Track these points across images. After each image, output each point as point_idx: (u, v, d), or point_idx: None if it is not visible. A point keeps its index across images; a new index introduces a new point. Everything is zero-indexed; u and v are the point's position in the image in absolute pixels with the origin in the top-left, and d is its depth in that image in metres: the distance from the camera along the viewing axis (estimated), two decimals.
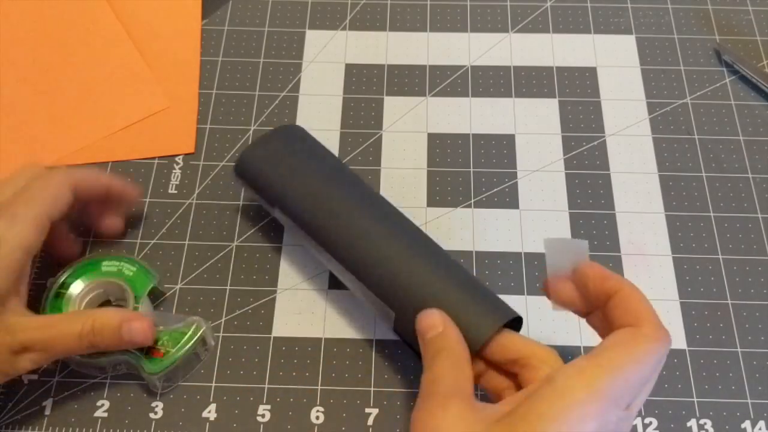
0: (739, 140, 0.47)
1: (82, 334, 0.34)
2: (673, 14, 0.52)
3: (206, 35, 0.51)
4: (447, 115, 0.48)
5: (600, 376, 0.26)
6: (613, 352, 0.28)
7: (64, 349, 0.35)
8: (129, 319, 0.35)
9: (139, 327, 0.35)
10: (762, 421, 0.38)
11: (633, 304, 0.29)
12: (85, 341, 0.34)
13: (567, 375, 0.27)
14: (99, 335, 0.34)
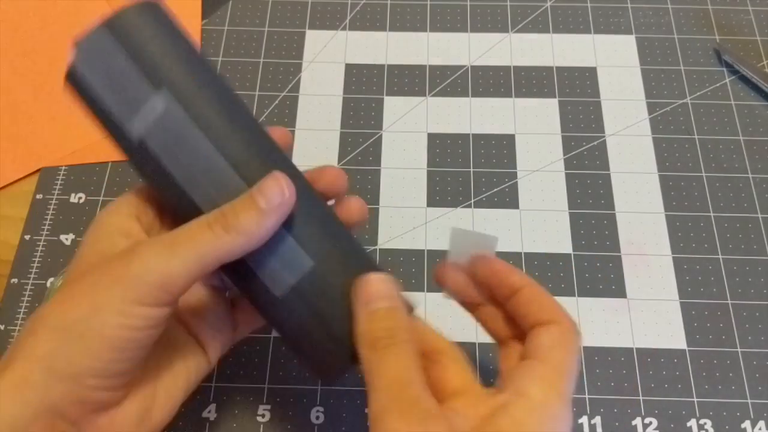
0: (739, 140, 0.47)
1: (209, 221, 0.27)
2: (673, 14, 0.52)
3: (206, 35, 0.51)
4: (447, 115, 0.48)
5: (562, 382, 0.26)
6: (559, 354, 0.27)
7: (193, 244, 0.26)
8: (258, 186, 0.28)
9: (270, 182, 0.27)
10: (762, 421, 0.38)
11: (545, 299, 0.29)
12: (216, 226, 0.26)
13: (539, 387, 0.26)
14: (231, 213, 0.27)
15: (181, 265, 0.26)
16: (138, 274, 0.25)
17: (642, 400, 0.38)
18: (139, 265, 0.25)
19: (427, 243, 0.43)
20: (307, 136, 0.47)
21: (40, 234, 0.43)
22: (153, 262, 0.26)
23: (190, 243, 0.26)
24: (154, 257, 0.26)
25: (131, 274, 0.25)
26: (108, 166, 0.46)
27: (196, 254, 0.26)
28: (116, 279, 0.25)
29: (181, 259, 0.26)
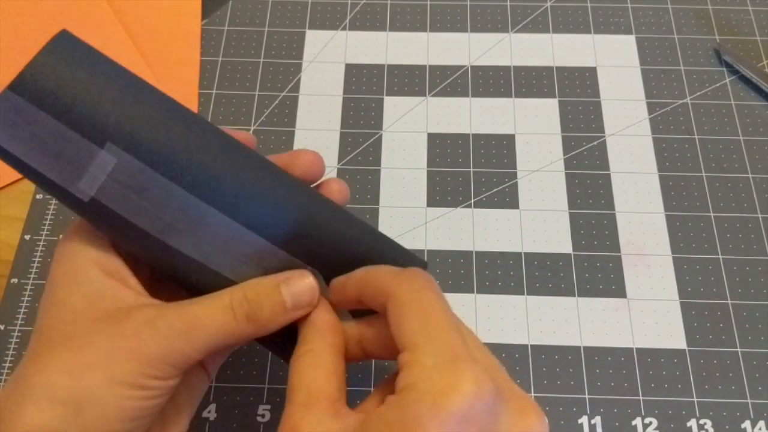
0: (739, 140, 0.47)
1: (233, 305, 0.26)
2: (673, 14, 0.52)
3: (206, 35, 0.51)
4: (447, 115, 0.48)
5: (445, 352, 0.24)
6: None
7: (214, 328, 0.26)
8: (286, 278, 0.27)
9: (300, 282, 0.27)
10: (762, 421, 0.38)
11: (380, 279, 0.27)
12: (239, 313, 0.26)
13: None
14: (256, 304, 0.26)
15: (200, 347, 0.26)
16: (156, 355, 0.25)
17: (642, 400, 0.38)
18: (158, 346, 0.25)
19: (427, 243, 0.43)
20: (307, 136, 0.47)
21: (40, 234, 0.43)
22: (173, 344, 0.25)
23: (211, 327, 0.26)
24: (174, 338, 0.25)
25: (150, 354, 0.25)
26: None
27: (216, 339, 0.26)
28: (133, 355, 0.25)
29: (201, 342, 0.26)
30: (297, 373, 0.26)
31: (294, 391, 0.25)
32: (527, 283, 0.42)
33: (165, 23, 0.52)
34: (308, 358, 0.26)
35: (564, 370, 0.39)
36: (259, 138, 0.47)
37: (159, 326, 0.25)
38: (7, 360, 0.39)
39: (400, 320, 0.25)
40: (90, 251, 0.27)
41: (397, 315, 0.25)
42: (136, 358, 0.25)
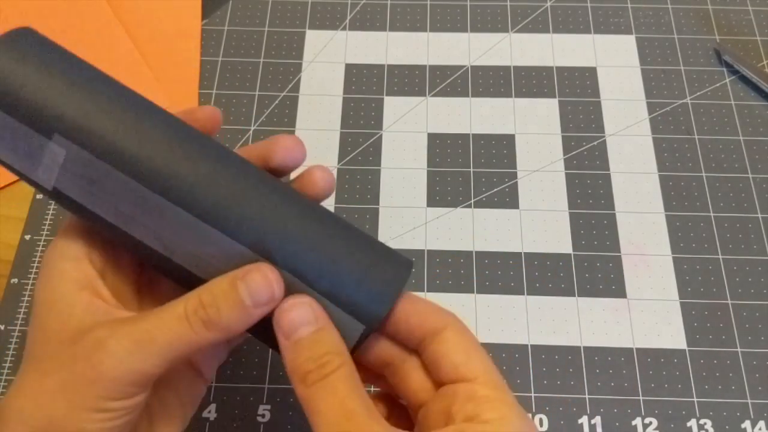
0: (739, 140, 0.47)
1: (187, 313, 0.25)
2: (673, 14, 0.52)
3: (206, 35, 0.51)
4: (447, 115, 0.48)
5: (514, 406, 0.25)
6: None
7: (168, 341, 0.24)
8: (243, 274, 0.25)
9: (258, 277, 0.25)
10: (762, 421, 0.38)
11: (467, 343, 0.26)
12: (195, 321, 0.24)
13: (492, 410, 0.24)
14: (212, 308, 0.25)
15: (157, 362, 0.24)
16: (111, 378, 0.24)
17: (642, 400, 0.38)
18: (111, 368, 0.24)
19: (427, 243, 0.43)
20: (307, 136, 0.47)
21: (40, 234, 0.43)
22: (126, 362, 0.24)
23: (164, 339, 0.24)
24: (126, 357, 0.24)
25: (104, 378, 0.24)
26: None
27: (171, 351, 0.24)
28: (89, 381, 0.24)
29: (156, 357, 0.24)
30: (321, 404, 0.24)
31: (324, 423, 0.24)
32: (527, 283, 0.42)
33: (165, 23, 0.52)
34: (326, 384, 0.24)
35: (564, 370, 0.39)
36: (259, 138, 0.47)
37: (110, 348, 0.24)
38: (8, 360, 0.39)
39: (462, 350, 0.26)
40: (64, 264, 0.26)
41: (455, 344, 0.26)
42: (91, 384, 0.24)
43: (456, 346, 0.26)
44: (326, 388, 0.24)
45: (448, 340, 0.26)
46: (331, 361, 0.24)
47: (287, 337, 0.25)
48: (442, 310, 0.27)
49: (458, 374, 0.25)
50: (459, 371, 0.25)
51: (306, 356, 0.24)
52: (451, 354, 0.26)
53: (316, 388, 0.24)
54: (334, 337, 0.25)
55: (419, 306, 0.27)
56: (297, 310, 0.25)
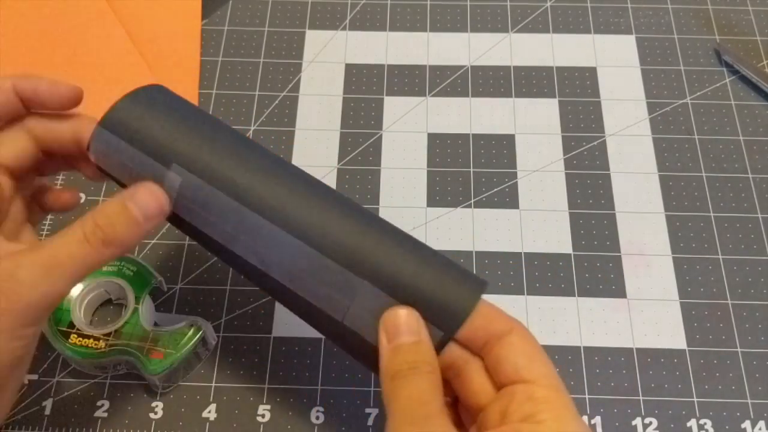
0: (739, 140, 0.47)
1: (86, 235, 0.27)
2: (673, 14, 0.52)
3: (206, 35, 0.51)
4: (447, 115, 0.48)
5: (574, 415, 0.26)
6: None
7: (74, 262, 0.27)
8: (131, 194, 0.28)
9: (144, 194, 0.28)
10: (762, 421, 0.38)
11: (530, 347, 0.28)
12: (94, 241, 0.27)
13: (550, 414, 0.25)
14: (109, 227, 0.27)
15: (64, 284, 0.27)
16: (27, 305, 0.26)
17: (642, 400, 0.38)
18: (26, 295, 0.26)
19: (427, 243, 0.43)
20: (307, 136, 0.47)
21: (40, 234, 0.43)
22: (39, 288, 0.26)
23: (70, 261, 0.27)
24: (37, 283, 0.26)
25: (19, 305, 0.26)
26: None
27: (77, 272, 0.27)
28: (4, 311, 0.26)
29: (64, 279, 0.27)
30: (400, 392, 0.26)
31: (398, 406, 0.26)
32: (527, 283, 0.42)
33: (165, 23, 0.52)
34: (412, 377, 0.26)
35: (564, 370, 0.39)
36: (259, 138, 0.47)
37: (20, 277, 0.26)
38: None
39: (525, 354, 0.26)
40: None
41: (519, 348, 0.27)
42: (8, 313, 0.26)
43: (519, 350, 0.27)
44: (410, 382, 0.26)
45: (513, 344, 0.27)
46: (423, 367, 0.26)
47: (390, 340, 0.27)
48: (507, 315, 0.28)
49: (519, 376, 0.26)
50: (520, 373, 0.26)
51: (402, 359, 0.26)
52: (514, 356, 0.26)
53: (402, 381, 0.26)
54: (431, 351, 0.27)
55: (485, 310, 0.28)
56: (406, 317, 0.27)
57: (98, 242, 0.27)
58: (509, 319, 0.28)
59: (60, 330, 0.37)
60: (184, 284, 0.42)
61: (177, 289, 0.42)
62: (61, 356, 0.39)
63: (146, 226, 0.28)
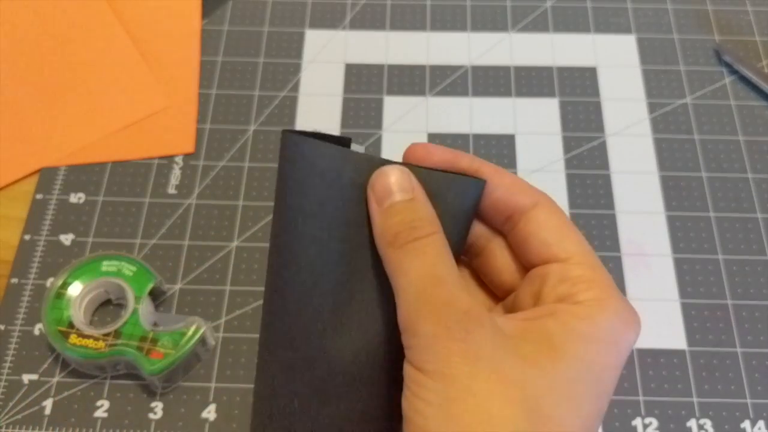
0: (738, 140, 0.47)
1: None
2: (673, 14, 0.52)
3: (206, 35, 0.51)
4: (447, 115, 0.48)
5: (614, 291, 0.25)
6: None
7: None
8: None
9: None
10: (762, 421, 0.38)
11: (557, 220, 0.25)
12: None
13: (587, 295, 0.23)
14: None
15: None
16: None
17: (642, 400, 0.38)
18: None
19: None
20: None
21: (40, 234, 0.43)
22: None
23: None
24: None
25: None
26: (108, 166, 0.46)
27: None
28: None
29: None
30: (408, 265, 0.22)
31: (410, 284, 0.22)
32: None
33: (165, 23, 0.52)
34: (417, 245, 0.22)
35: None
36: (259, 138, 0.47)
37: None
38: (8, 360, 0.39)
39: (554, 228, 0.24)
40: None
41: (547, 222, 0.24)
42: None
43: (547, 224, 0.24)
44: (416, 251, 0.22)
45: (539, 218, 0.24)
46: (423, 227, 0.23)
47: (380, 202, 0.23)
48: (531, 186, 0.25)
49: (550, 254, 0.24)
50: (551, 250, 0.24)
51: (398, 219, 0.23)
52: (542, 232, 0.24)
53: (406, 250, 0.22)
54: (429, 208, 0.24)
55: (506, 180, 0.25)
56: (394, 176, 0.23)
57: None
58: (534, 190, 0.25)
59: (60, 330, 0.37)
60: (184, 284, 0.42)
61: (177, 289, 0.42)
62: (60, 356, 0.39)
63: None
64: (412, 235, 0.23)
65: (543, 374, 0.21)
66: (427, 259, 0.22)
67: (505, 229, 0.25)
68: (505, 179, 0.25)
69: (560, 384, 0.21)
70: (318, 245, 0.24)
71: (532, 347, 0.21)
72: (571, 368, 0.21)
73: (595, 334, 0.22)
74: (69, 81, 0.49)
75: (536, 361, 0.21)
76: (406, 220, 0.23)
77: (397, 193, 0.23)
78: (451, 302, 0.21)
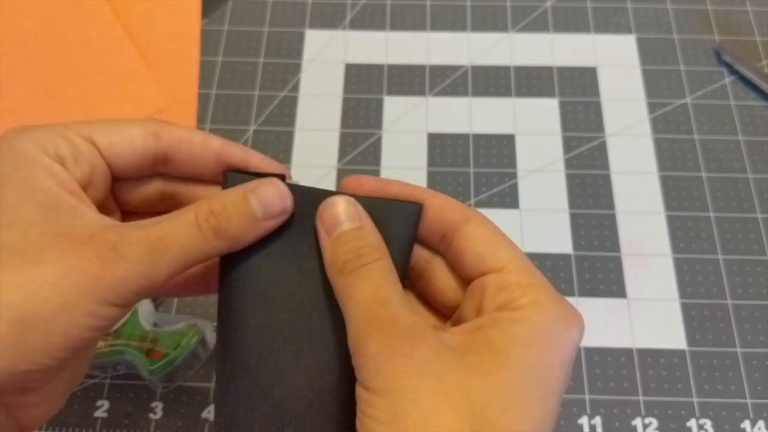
0: (738, 140, 0.47)
1: (198, 220, 0.24)
2: (673, 14, 0.52)
3: (206, 35, 0.51)
4: (447, 115, 0.48)
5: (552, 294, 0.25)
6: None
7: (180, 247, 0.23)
8: (254, 186, 0.25)
9: (269, 189, 0.25)
10: (762, 421, 0.38)
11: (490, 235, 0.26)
12: (206, 228, 0.24)
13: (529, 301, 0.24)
14: (222, 216, 0.24)
15: (166, 269, 0.23)
16: (120, 279, 0.22)
17: (642, 400, 0.38)
18: (123, 270, 0.22)
19: None
20: (307, 136, 0.47)
21: None
22: (138, 267, 0.22)
23: (177, 246, 0.23)
24: (138, 261, 0.22)
25: (113, 278, 0.22)
26: None
27: (182, 258, 0.23)
28: (92, 278, 0.22)
29: (167, 264, 0.23)
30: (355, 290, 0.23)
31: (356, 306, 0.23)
32: None
33: (165, 23, 0.52)
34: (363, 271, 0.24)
35: None
36: (259, 138, 0.47)
37: (122, 252, 0.22)
38: None
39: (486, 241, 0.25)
40: (44, 159, 0.24)
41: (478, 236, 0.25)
42: (96, 281, 0.22)
43: (479, 238, 0.25)
44: (362, 276, 0.23)
45: (471, 233, 0.25)
46: (370, 254, 0.24)
47: (329, 232, 0.25)
48: (461, 204, 0.26)
49: (485, 266, 0.24)
50: (486, 262, 0.24)
51: (346, 248, 0.24)
52: (476, 246, 0.25)
53: (354, 276, 0.23)
54: (376, 235, 0.25)
55: (437, 200, 0.26)
56: (342, 206, 0.25)
57: (210, 230, 0.24)
58: (465, 207, 0.26)
59: None
60: None
61: None
62: None
63: (264, 225, 0.25)
64: (359, 262, 0.24)
65: (487, 381, 0.21)
66: (373, 282, 0.23)
67: (442, 249, 0.26)
68: (436, 200, 0.26)
69: (505, 389, 0.21)
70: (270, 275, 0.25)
71: (476, 357, 0.22)
72: (514, 372, 0.22)
73: (535, 337, 0.23)
74: (68, 81, 0.49)
75: (480, 369, 0.22)
76: (353, 248, 0.24)
77: (345, 222, 0.24)
78: (396, 321, 0.22)
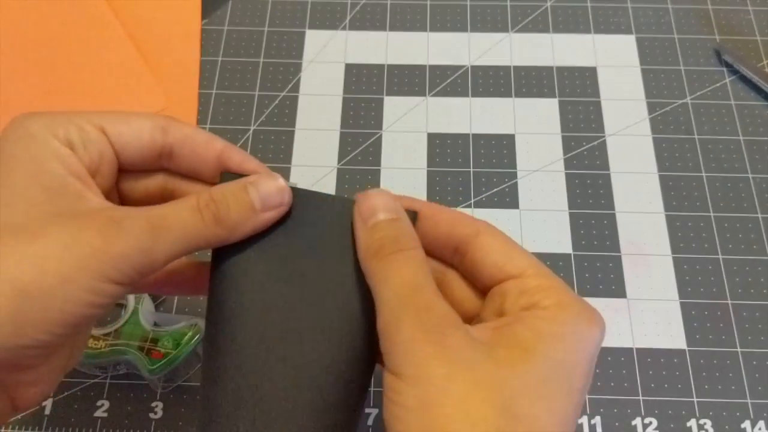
0: (738, 140, 0.47)
1: (200, 205, 0.25)
2: (673, 14, 0.52)
3: (206, 35, 0.51)
4: (447, 115, 0.48)
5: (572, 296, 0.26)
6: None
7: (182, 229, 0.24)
8: (255, 179, 0.26)
9: (268, 182, 0.26)
10: (762, 421, 0.38)
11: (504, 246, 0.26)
12: (207, 214, 0.25)
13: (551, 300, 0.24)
14: (222, 203, 0.25)
15: (166, 249, 0.24)
16: (121, 254, 0.22)
17: (642, 400, 0.38)
18: (124, 245, 0.23)
19: None
20: (307, 136, 0.47)
21: None
22: (139, 242, 0.23)
23: (178, 226, 0.24)
24: (139, 237, 0.23)
25: (113, 252, 0.22)
26: None
27: (184, 241, 0.24)
28: (93, 253, 0.22)
29: (169, 243, 0.24)
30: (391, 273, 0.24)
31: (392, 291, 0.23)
32: None
33: (165, 23, 0.52)
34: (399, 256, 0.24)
35: None
36: (259, 138, 0.47)
37: (125, 226, 0.23)
38: None
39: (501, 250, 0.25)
40: (53, 142, 0.24)
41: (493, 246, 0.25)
42: (97, 255, 0.22)
43: (493, 247, 0.25)
44: (398, 261, 0.24)
45: (484, 244, 0.26)
46: (407, 241, 0.24)
47: (365, 221, 0.25)
48: (469, 216, 0.27)
49: (503, 273, 0.25)
50: (503, 270, 0.25)
51: (382, 234, 0.25)
52: (492, 255, 0.25)
53: (389, 260, 0.24)
54: (411, 227, 0.25)
55: (445, 215, 0.27)
56: (380, 197, 0.26)
57: (210, 216, 0.25)
58: (474, 220, 0.27)
59: None
60: None
61: None
62: None
63: (261, 216, 0.25)
64: (395, 247, 0.24)
65: (516, 375, 0.22)
66: (410, 268, 0.24)
67: (455, 261, 0.27)
68: (444, 214, 0.27)
69: (533, 384, 0.22)
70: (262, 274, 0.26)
71: (505, 351, 0.22)
72: (542, 368, 0.22)
73: (562, 334, 0.23)
74: (68, 81, 0.49)
75: (509, 363, 0.22)
76: (390, 234, 0.25)
77: (382, 212, 0.25)
78: (431, 308, 0.23)
